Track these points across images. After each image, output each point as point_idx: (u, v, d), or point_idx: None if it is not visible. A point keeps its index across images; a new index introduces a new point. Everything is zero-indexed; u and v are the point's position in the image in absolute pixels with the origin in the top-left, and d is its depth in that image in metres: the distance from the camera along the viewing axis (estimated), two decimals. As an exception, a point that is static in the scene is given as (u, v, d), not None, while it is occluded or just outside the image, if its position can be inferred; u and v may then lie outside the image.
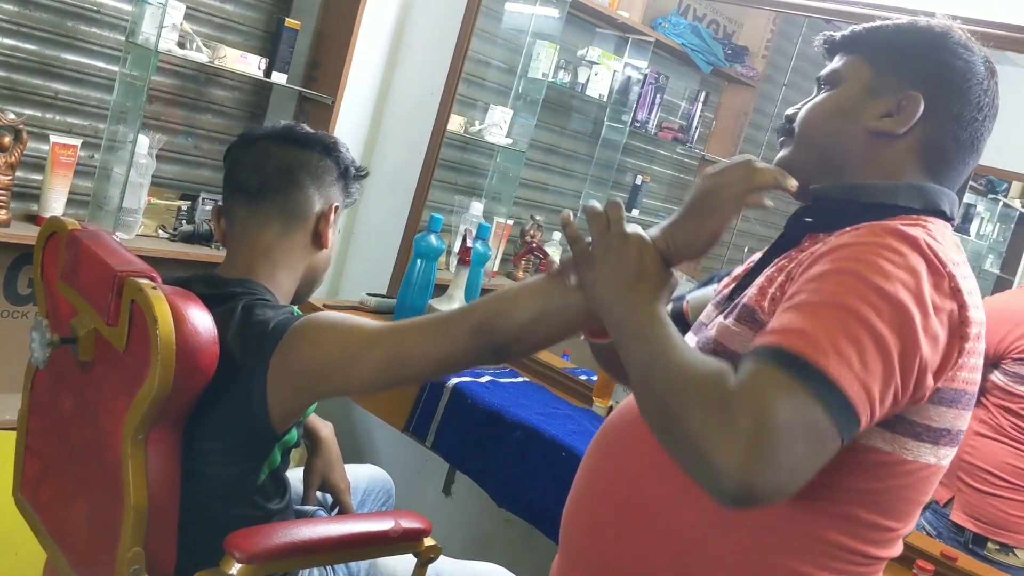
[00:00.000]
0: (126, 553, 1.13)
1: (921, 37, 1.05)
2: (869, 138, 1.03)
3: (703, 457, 0.79)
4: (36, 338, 1.26)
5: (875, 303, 0.83)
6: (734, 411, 0.79)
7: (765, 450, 0.77)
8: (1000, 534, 1.81)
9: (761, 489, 0.78)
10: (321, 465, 1.55)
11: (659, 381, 0.87)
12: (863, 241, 0.90)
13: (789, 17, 3.10)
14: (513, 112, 2.87)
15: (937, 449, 0.94)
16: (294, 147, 1.38)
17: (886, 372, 0.83)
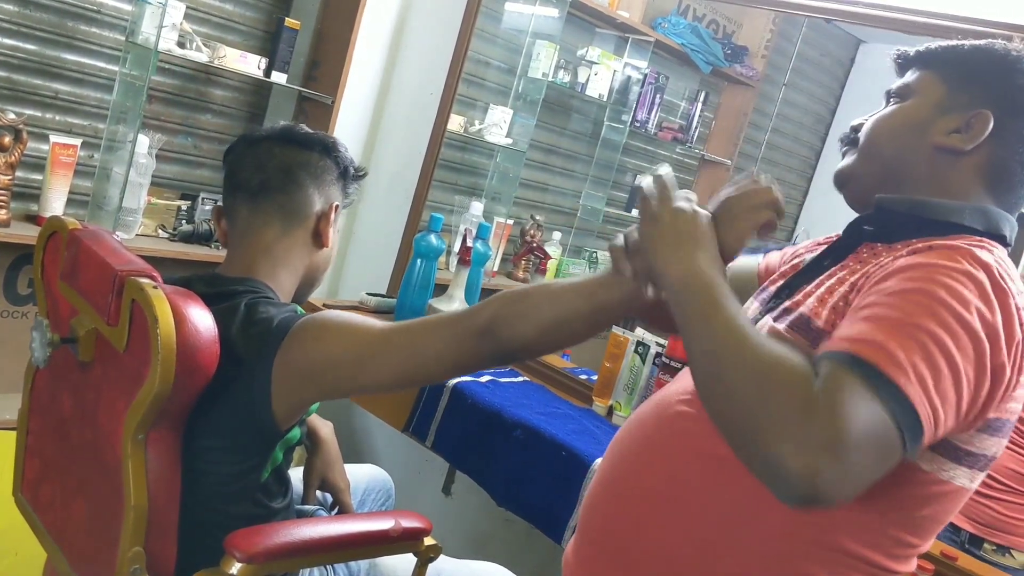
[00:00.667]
0: (126, 553, 1.13)
1: (996, 59, 1.04)
2: (935, 154, 1.03)
3: (775, 456, 0.78)
4: (36, 338, 1.26)
5: (954, 330, 0.84)
6: (815, 417, 0.78)
7: (840, 459, 0.77)
8: (997, 536, 1.81)
9: (827, 495, 0.78)
10: (321, 464, 1.55)
11: (735, 363, 0.84)
12: (941, 263, 0.89)
13: (789, 17, 3.10)
14: (513, 112, 2.87)
15: (973, 473, 0.96)
16: (294, 147, 1.38)
17: (957, 399, 0.84)
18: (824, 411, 0.78)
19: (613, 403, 2.07)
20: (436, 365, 1.16)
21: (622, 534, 1.07)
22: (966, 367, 0.84)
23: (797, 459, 0.77)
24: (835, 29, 3.18)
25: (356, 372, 1.18)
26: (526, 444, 1.84)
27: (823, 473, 0.76)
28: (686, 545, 1.01)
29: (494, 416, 1.91)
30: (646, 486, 1.06)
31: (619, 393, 2.07)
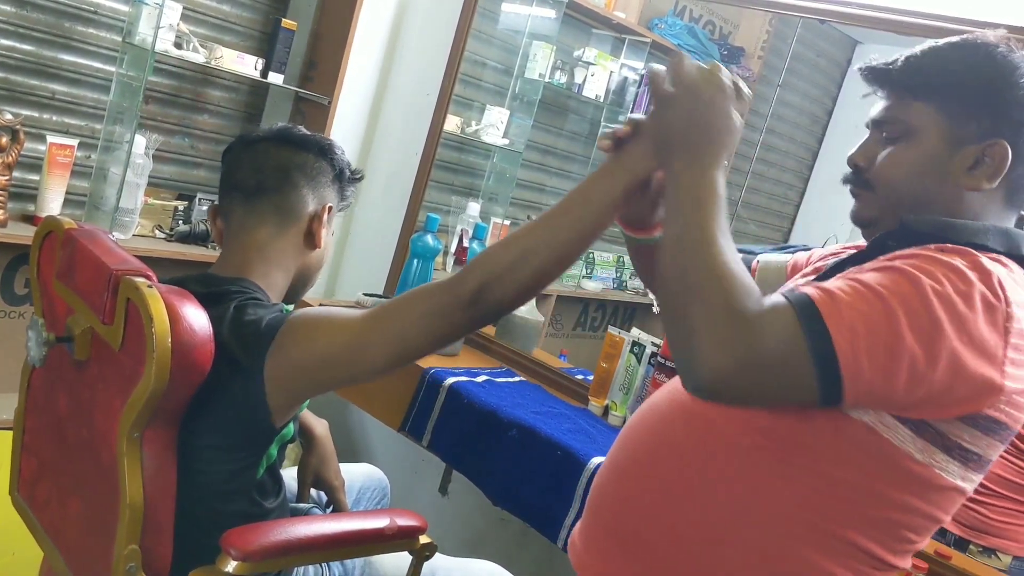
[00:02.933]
0: (122, 551, 1.14)
1: (988, 68, 1.01)
2: (960, 191, 1.02)
3: (695, 348, 0.87)
4: (32, 337, 1.27)
5: (914, 309, 0.87)
6: (743, 328, 0.86)
7: (746, 371, 0.86)
8: (983, 538, 1.81)
9: (723, 397, 0.90)
10: (315, 462, 1.55)
11: (698, 259, 0.91)
12: (938, 257, 0.92)
13: (784, 18, 3.11)
14: (510, 113, 2.87)
15: (965, 471, 0.97)
16: (290, 148, 1.39)
17: (891, 367, 0.86)
18: (753, 326, 0.86)
19: (609, 403, 2.07)
20: (426, 340, 1.15)
21: (632, 519, 1.08)
22: (913, 343, 0.86)
23: (711, 356, 0.86)
24: (831, 30, 3.19)
25: (349, 363, 1.18)
26: (522, 444, 1.84)
27: (726, 378, 0.86)
28: (693, 529, 1.03)
29: (490, 416, 1.92)
30: (657, 473, 1.07)
31: (615, 393, 2.07)
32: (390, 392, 2.13)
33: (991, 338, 0.88)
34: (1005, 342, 0.89)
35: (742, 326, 0.86)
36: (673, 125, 1.03)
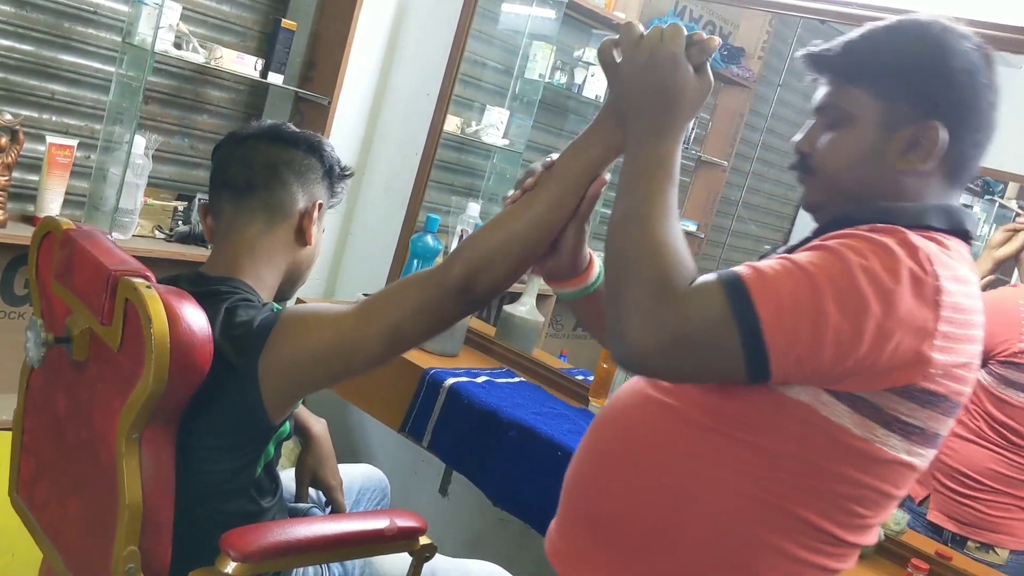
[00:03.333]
0: (121, 552, 1.14)
1: (916, 50, 1.02)
2: (898, 173, 1.03)
3: (624, 321, 0.91)
4: (31, 338, 1.27)
5: (840, 284, 0.89)
6: (672, 304, 0.89)
7: (672, 349, 0.90)
8: (980, 534, 1.81)
9: (650, 371, 0.95)
10: (312, 462, 1.55)
11: (636, 234, 0.95)
12: (867, 235, 0.93)
13: (785, 18, 3.10)
14: (510, 113, 2.87)
15: (908, 445, 0.97)
16: (280, 145, 1.39)
17: (812, 345, 0.89)
18: (680, 303, 0.90)
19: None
20: (418, 330, 1.17)
21: (597, 503, 1.10)
22: (839, 317, 0.88)
23: (638, 331, 0.90)
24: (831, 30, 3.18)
25: (343, 357, 1.19)
26: (522, 444, 1.84)
27: (651, 353, 0.90)
28: (652, 510, 1.04)
29: (490, 416, 1.92)
30: (619, 458, 1.09)
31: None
32: (390, 393, 2.12)
33: (919, 312, 0.89)
34: (935, 315, 0.90)
35: (670, 302, 0.89)
36: (623, 96, 1.06)
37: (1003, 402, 1.83)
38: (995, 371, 1.84)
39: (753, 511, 0.99)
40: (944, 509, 1.85)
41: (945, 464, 1.87)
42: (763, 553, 0.99)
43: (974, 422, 1.85)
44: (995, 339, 1.83)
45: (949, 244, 0.98)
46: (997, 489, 1.81)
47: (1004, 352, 1.83)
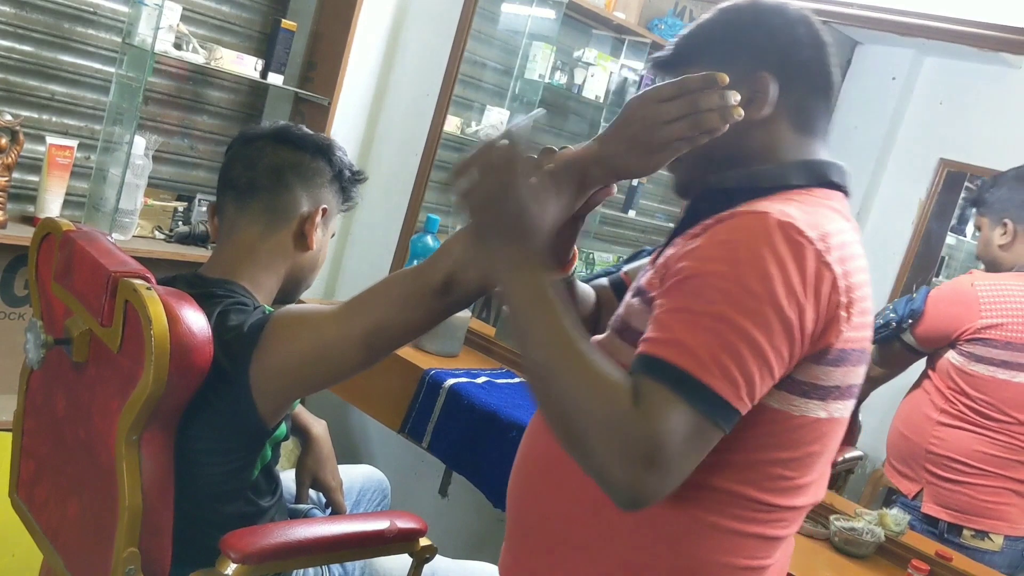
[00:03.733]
0: (121, 554, 1.14)
1: (734, 18, 1.10)
2: (743, 131, 1.05)
3: (600, 471, 0.86)
4: (31, 339, 1.27)
5: (751, 309, 0.88)
6: (630, 433, 0.85)
7: (658, 470, 0.84)
8: (974, 521, 1.82)
9: (652, 498, 0.86)
10: (312, 463, 1.55)
11: (551, 385, 0.90)
12: (733, 239, 0.92)
13: (785, 18, 3.10)
14: (509, 113, 2.87)
15: (826, 404, 0.98)
16: (287, 147, 1.38)
17: (765, 371, 0.89)
18: (641, 426, 0.85)
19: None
20: (402, 330, 1.17)
21: (519, 503, 1.11)
22: (772, 341, 0.88)
23: (620, 472, 0.84)
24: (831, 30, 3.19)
25: (329, 360, 1.19)
26: (522, 445, 1.84)
27: (645, 483, 0.84)
28: (572, 516, 1.04)
29: (490, 417, 1.91)
30: (534, 466, 1.11)
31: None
32: (390, 393, 2.12)
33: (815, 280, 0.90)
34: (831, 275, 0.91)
35: (632, 431, 0.85)
36: (475, 234, 1.03)
37: (976, 378, 1.85)
38: (964, 351, 1.87)
39: (680, 492, 0.96)
40: (938, 499, 1.86)
41: (934, 454, 1.89)
42: (696, 532, 0.99)
43: (954, 407, 1.87)
44: (957, 322, 1.87)
45: (814, 199, 1.00)
46: (987, 471, 1.82)
47: (968, 332, 1.85)
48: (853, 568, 1.65)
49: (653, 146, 1.00)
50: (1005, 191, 1.96)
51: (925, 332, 1.92)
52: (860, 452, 2.23)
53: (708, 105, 0.98)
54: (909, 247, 2.46)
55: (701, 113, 0.98)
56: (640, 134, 1.00)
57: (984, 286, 1.88)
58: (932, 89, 2.54)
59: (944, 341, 1.89)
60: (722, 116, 0.99)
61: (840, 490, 2.11)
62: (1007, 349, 1.82)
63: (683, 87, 0.99)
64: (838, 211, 1.02)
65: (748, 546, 1.01)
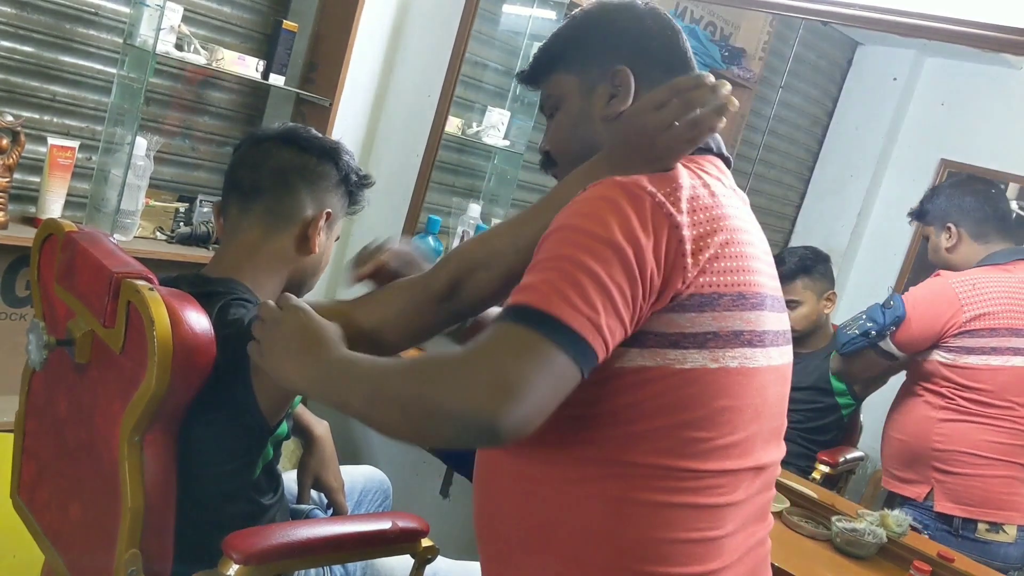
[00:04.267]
0: (123, 555, 1.14)
1: (583, 22, 1.17)
2: (611, 124, 1.10)
3: (453, 413, 0.85)
4: (33, 340, 1.27)
5: (589, 246, 0.90)
6: (472, 366, 0.86)
7: (508, 393, 0.83)
8: (988, 513, 1.84)
9: (510, 426, 0.84)
10: (314, 464, 1.55)
11: (393, 391, 0.91)
12: (583, 197, 0.96)
13: (786, 19, 3.10)
14: (510, 114, 2.87)
15: (712, 353, 0.97)
16: (293, 150, 1.38)
17: (612, 306, 0.89)
18: (480, 360, 0.86)
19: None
20: (401, 335, 1.16)
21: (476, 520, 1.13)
22: (612, 275, 0.89)
23: (469, 405, 0.84)
24: (832, 31, 3.18)
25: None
26: (523, 446, 1.84)
27: (497, 410, 0.83)
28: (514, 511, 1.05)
29: (491, 418, 1.91)
30: (480, 472, 1.12)
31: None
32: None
33: (654, 225, 0.92)
34: (670, 223, 0.93)
35: (470, 366, 0.86)
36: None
37: (970, 370, 1.88)
38: (952, 347, 1.89)
39: (597, 476, 0.98)
40: (951, 496, 1.87)
41: (940, 451, 1.90)
42: (627, 512, 0.97)
43: (954, 403, 1.89)
44: (943, 320, 1.91)
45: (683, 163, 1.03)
46: (996, 460, 1.84)
47: (953, 327, 1.89)
48: (855, 569, 1.65)
49: (658, 153, 1.01)
50: (944, 200, 2.08)
51: (909, 337, 1.94)
52: (861, 453, 2.23)
53: (702, 103, 1.00)
54: (909, 247, 2.47)
55: (698, 113, 1.00)
56: (643, 145, 1.01)
57: (958, 282, 1.93)
58: (933, 89, 2.55)
59: (928, 343, 1.92)
60: (718, 112, 1.01)
61: (841, 491, 2.11)
62: (993, 336, 1.87)
63: (674, 90, 1.01)
64: (707, 172, 1.05)
65: (684, 517, 0.98)
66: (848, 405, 2.19)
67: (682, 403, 0.96)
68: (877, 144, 2.64)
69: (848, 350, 2.03)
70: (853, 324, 2.01)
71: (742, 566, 1.04)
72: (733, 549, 1.03)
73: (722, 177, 1.08)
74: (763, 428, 1.04)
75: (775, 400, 1.06)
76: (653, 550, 0.98)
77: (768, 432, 1.05)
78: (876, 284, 2.46)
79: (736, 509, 1.02)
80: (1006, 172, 2.41)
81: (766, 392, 1.03)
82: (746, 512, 1.04)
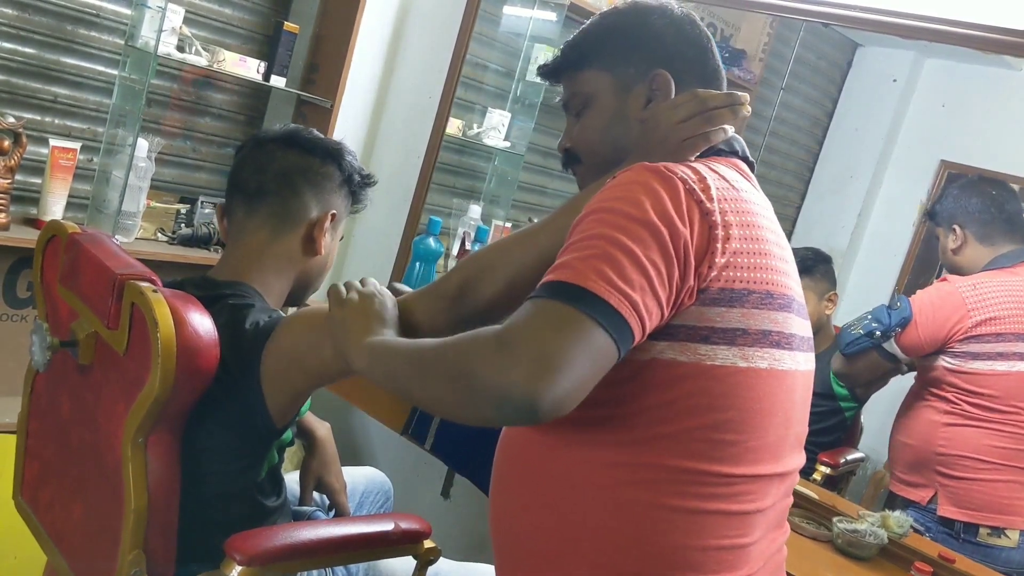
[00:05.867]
0: (127, 555, 1.14)
1: (619, 22, 1.16)
2: (634, 127, 1.11)
3: (496, 392, 0.83)
4: (36, 341, 1.27)
5: (624, 226, 0.90)
6: (511, 343, 0.84)
7: (547, 367, 0.82)
8: (991, 518, 1.83)
9: (549, 402, 0.82)
10: (317, 465, 1.55)
11: (434, 367, 0.92)
12: (614, 182, 0.97)
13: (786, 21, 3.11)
14: (511, 115, 2.87)
15: (741, 351, 0.96)
16: (297, 152, 1.38)
17: (648, 283, 0.89)
18: (518, 336, 0.85)
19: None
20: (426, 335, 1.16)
21: (494, 525, 1.12)
22: (648, 254, 0.89)
23: (509, 380, 0.82)
24: (833, 33, 3.19)
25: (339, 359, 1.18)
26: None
27: (537, 385, 0.81)
28: (538, 519, 1.04)
29: (493, 419, 1.91)
30: (500, 477, 1.12)
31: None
32: (393, 395, 2.12)
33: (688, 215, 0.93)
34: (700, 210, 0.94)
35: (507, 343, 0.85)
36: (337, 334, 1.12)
37: (976, 375, 1.87)
38: (957, 352, 1.89)
39: (627, 478, 0.97)
40: (953, 500, 1.87)
41: (944, 455, 1.90)
42: (657, 518, 0.97)
43: (958, 407, 1.89)
44: (949, 325, 1.90)
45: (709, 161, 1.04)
46: (999, 464, 1.84)
47: (960, 332, 1.89)
48: (856, 570, 1.65)
49: (672, 148, 1.04)
50: (951, 201, 2.08)
51: (915, 340, 1.94)
52: (862, 454, 2.23)
53: (716, 103, 1.04)
54: (910, 248, 2.47)
55: (711, 110, 1.04)
56: (664, 137, 1.05)
57: (965, 287, 1.93)
58: (933, 91, 2.55)
59: (934, 347, 1.92)
60: (732, 111, 1.05)
61: (842, 492, 2.11)
62: (1000, 341, 1.86)
63: (693, 94, 1.06)
64: (732, 172, 1.06)
65: (715, 524, 0.98)
66: (850, 407, 2.19)
67: (713, 403, 0.96)
68: (877, 145, 2.64)
69: (851, 350, 2.03)
70: (857, 324, 2.01)
71: (764, 573, 1.04)
72: (758, 556, 1.03)
73: (747, 179, 1.09)
74: (790, 433, 1.04)
75: (801, 406, 1.06)
76: (684, 557, 0.97)
77: (794, 438, 1.06)
78: (876, 285, 2.46)
79: (763, 516, 1.02)
80: (1006, 173, 2.41)
81: (794, 396, 1.04)
82: (770, 519, 1.05)
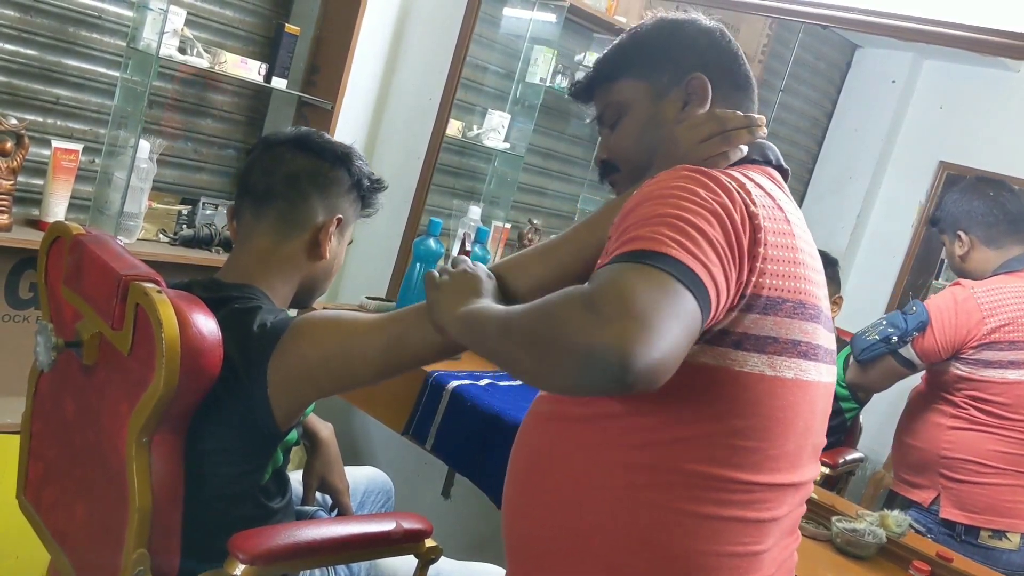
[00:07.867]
0: (130, 555, 1.14)
1: (650, 32, 1.18)
2: (668, 133, 1.11)
3: (584, 352, 0.78)
4: (41, 342, 1.27)
5: (687, 207, 0.89)
6: (599, 303, 0.80)
7: (642, 325, 0.77)
8: (992, 521, 1.84)
9: (643, 365, 0.77)
10: (320, 466, 1.56)
11: (519, 328, 0.88)
12: (661, 178, 0.97)
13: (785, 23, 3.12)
14: (511, 117, 2.88)
15: (770, 359, 0.96)
16: (307, 155, 1.38)
17: (719, 260, 0.88)
18: (606, 296, 0.80)
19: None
20: (424, 348, 1.17)
21: (507, 523, 1.11)
22: (714, 234, 0.88)
23: (602, 340, 0.77)
24: (831, 34, 3.20)
25: (349, 363, 1.19)
26: (525, 447, 1.85)
27: (631, 344, 0.76)
28: (553, 518, 1.04)
29: (493, 419, 1.92)
30: (515, 474, 1.11)
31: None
32: (393, 396, 2.13)
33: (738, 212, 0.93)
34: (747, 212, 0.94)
35: (596, 303, 0.80)
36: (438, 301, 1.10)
37: (987, 383, 1.86)
38: (970, 359, 1.88)
39: (645, 482, 0.96)
40: (956, 503, 1.87)
41: (948, 458, 1.90)
42: (674, 522, 0.97)
43: (965, 412, 1.88)
44: (965, 331, 1.88)
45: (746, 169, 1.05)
46: (1003, 469, 1.84)
47: (974, 340, 1.87)
48: (855, 569, 1.66)
49: (695, 163, 1.04)
50: (952, 205, 2.05)
51: (931, 345, 1.92)
52: (861, 454, 2.24)
53: (735, 124, 1.06)
54: (909, 249, 2.47)
55: (730, 131, 1.06)
56: (684, 155, 1.06)
57: (980, 292, 1.90)
58: (932, 92, 2.56)
59: (949, 353, 1.90)
60: (750, 132, 1.07)
61: (841, 491, 2.12)
62: (1012, 349, 1.84)
63: (712, 114, 1.08)
64: (766, 181, 1.06)
65: (730, 531, 0.97)
66: (851, 408, 2.20)
67: (736, 409, 0.96)
68: (876, 146, 2.64)
69: (866, 356, 1.99)
70: (872, 331, 1.98)
71: None
72: (770, 563, 1.03)
73: (780, 187, 1.09)
74: (808, 444, 1.04)
75: (821, 417, 1.07)
76: (698, 562, 0.97)
77: (811, 448, 1.06)
78: (876, 286, 2.47)
79: (777, 524, 1.03)
80: (1005, 174, 2.41)
81: (815, 407, 1.04)
82: (784, 527, 1.05)
